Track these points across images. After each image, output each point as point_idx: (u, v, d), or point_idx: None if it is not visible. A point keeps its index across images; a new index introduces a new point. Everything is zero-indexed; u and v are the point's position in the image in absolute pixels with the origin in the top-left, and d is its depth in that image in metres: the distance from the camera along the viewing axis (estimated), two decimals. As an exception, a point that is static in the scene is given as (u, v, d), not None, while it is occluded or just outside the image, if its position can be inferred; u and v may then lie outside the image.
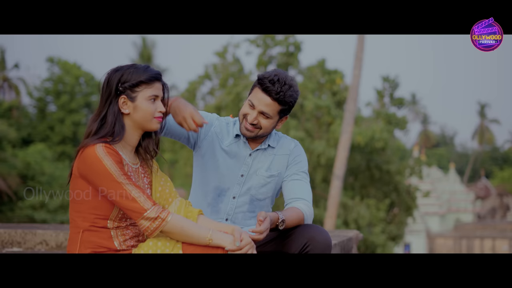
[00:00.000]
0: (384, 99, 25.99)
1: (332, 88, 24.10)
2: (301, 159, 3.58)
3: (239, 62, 25.58)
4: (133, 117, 2.94)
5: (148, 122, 2.96)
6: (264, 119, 3.41)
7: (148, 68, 2.96)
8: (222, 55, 25.46)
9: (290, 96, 3.39)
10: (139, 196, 2.80)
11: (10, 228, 5.27)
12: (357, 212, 21.86)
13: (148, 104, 2.94)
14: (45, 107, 43.26)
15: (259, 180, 3.51)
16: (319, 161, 21.95)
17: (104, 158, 2.79)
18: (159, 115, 2.98)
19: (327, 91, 24.35)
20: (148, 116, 2.95)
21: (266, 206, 3.59)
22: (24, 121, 41.65)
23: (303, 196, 3.44)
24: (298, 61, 25.14)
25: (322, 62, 25.02)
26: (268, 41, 24.36)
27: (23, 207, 32.54)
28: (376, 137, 21.94)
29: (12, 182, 32.88)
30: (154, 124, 2.98)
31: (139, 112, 2.94)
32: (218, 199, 3.51)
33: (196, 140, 3.54)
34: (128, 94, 2.92)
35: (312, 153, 21.93)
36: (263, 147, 3.55)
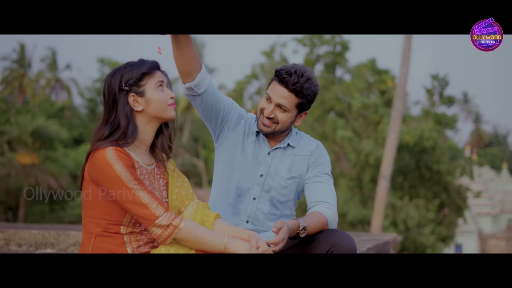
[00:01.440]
0: (433, 97, 25.58)
1: (381, 87, 23.84)
2: (323, 161, 3.41)
3: (286, 61, 25.50)
4: (148, 111, 2.86)
5: (164, 111, 2.87)
6: (281, 113, 3.29)
7: (143, 60, 2.89)
8: (269, 54, 25.44)
9: (307, 89, 3.27)
10: (150, 202, 2.70)
11: (44, 230, 5.28)
12: (406, 213, 21.56)
13: (159, 93, 2.86)
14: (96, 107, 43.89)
15: (280, 181, 3.37)
16: (367, 160, 21.72)
17: (114, 162, 2.70)
18: (172, 101, 2.90)
19: (375, 90, 24.10)
20: (162, 105, 2.86)
21: (288, 208, 3.45)
22: (75, 121, 42.35)
23: (326, 199, 3.27)
24: (346, 60, 24.95)
25: (373, 61, 24.77)
26: (315, 40, 24.23)
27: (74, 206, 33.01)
28: (425, 136, 21.60)
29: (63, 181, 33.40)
30: (170, 111, 2.89)
31: (152, 104, 2.85)
32: (238, 199, 3.38)
33: (223, 129, 3.42)
34: (135, 90, 2.84)
35: (360, 152, 21.72)
36: (282, 146, 3.40)
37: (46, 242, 5.14)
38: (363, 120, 23.10)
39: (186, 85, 3.25)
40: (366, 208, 22.12)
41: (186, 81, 3.23)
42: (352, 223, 22.32)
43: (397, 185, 23.78)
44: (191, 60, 3.16)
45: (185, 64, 3.16)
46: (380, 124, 22.21)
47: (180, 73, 3.23)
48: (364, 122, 23.11)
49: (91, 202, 2.79)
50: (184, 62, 3.16)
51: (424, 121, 23.37)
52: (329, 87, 24.16)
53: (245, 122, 3.45)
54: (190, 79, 3.22)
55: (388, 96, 23.49)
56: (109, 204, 2.76)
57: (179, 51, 3.12)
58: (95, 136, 2.82)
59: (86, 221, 2.81)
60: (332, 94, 23.78)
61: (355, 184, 22.96)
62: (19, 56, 42.89)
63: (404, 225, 21.56)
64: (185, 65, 3.17)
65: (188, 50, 3.11)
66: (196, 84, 3.23)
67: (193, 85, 3.23)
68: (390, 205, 21.47)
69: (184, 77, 3.23)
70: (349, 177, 22.94)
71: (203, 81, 3.25)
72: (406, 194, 23.35)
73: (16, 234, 5.17)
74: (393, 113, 16.76)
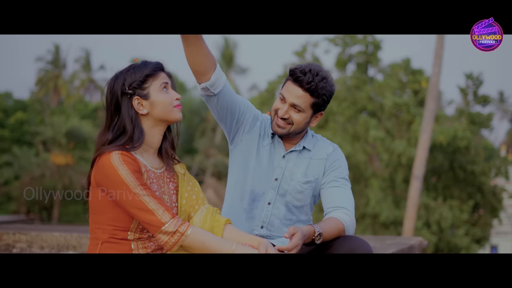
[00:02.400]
0: (468, 97, 25.25)
1: (414, 87, 23.59)
2: (340, 164, 3.31)
3: (318, 61, 25.38)
4: (153, 114, 2.79)
5: (169, 113, 2.80)
6: (295, 113, 3.19)
7: (146, 62, 2.83)
8: (301, 54, 25.33)
9: (322, 88, 3.17)
10: (157, 208, 2.62)
11: (66, 232, 5.28)
12: (440, 214, 21.30)
13: (163, 95, 2.79)
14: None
15: (295, 186, 3.27)
16: (400, 161, 21.51)
17: (119, 167, 2.64)
18: (177, 102, 2.83)
19: (408, 89, 23.87)
20: (168, 107, 2.79)
21: (304, 213, 3.34)
22: (109, 122, 42.60)
23: (343, 205, 3.15)
24: (378, 60, 24.74)
25: (407, 61, 24.51)
26: (347, 40, 24.07)
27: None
28: (459, 136, 21.32)
29: (97, 181, 33.62)
30: (176, 113, 2.82)
31: (157, 106, 2.78)
32: (253, 204, 3.29)
33: (238, 131, 3.33)
34: (139, 93, 2.77)
35: (393, 153, 21.52)
36: (297, 148, 3.31)
37: (68, 244, 5.13)
38: (396, 120, 22.89)
39: (201, 85, 3.17)
40: (398, 209, 21.90)
41: (201, 81, 3.16)
42: (385, 224, 22.13)
43: (431, 185, 23.50)
44: (203, 59, 3.08)
45: (198, 63, 3.09)
46: (413, 124, 21.97)
47: (194, 73, 3.15)
48: (396, 122, 22.90)
49: (97, 207, 2.74)
50: (196, 62, 3.08)
51: (458, 121, 23.08)
52: (361, 87, 23.98)
53: (261, 124, 3.37)
54: (205, 79, 3.14)
55: (421, 96, 23.23)
56: (116, 210, 2.70)
57: (189, 50, 3.04)
58: (98, 141, 2.75)
59: (93, 227, 2.76)
60: (364, 94, 23.59)
61: (388, 184, 22.75)
62: (53, 57, 43.38)
63: (437, 227, 21.31)
64: (198, 64, 3.09)
65: (198, 48, 3.03)
66: (211, 84, 3.15)
67: (208, 85, 3.15)
68: (423, 206, 21.25)
69: (198, 77, 3.16)
70: (382, 177, 22.74)
71: (218, 80, 3.16)
72: (440, 195, 23.06)
73: (38, 236, 5.17)
74: (425, 113, 16.55)
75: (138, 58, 2.93)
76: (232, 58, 43.35)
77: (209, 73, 3.13)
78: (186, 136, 40.97)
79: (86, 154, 33.34)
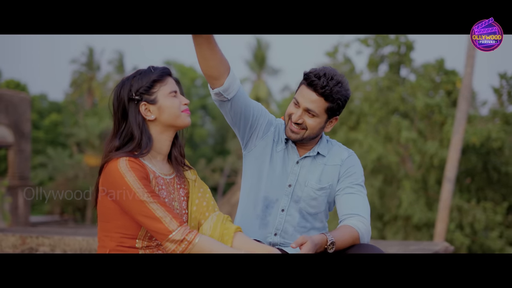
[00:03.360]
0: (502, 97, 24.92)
1: (448, 88, 23.33)
2: (355, 171, 3.24)
3: (350, 61, 25.25)
4: (161, 119, 2.76)
5: (177, 118, 2.77)
6: (309, 118, 3.13)
7: (153, 67, 2.79)
8: (332, 55, 25.22)
9: (337, 92, 3.10)
10: (164, 216, 2.58)
11: (89, 236, 5.29)
12: (473, 216, 21.03)
13: (171, 100, 2.76)
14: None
15: (309, 192, 3.20)
16: (432, 162, 21.29)
17: (126, 174, 2.61)
18: (185, 107, 2.80)
19: (441, 90, 23.61)
20: (176, 112, 2.76)
21: (319, 221, 3.27)
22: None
23: (358, 212, 3.08)
24: (411, 60, 24.53)
25: (441, 61, 24.24)
26: (379, 41, 23.89)
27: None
28: (492, 137, 21.03)
29: (130, 182, 33.84)
30: (184, 118, 2.79)
31: (165, 111, 2.75)
32: (266, 211, 3.22)
33: (252, 136, 3.27)
34: (147, 99, 2.75)
35: (425, 154, 21.31)
36: (312, 154, 3.24)
37: (91, 248, 5.15)
38: (428, 121, 22.66)
39: (214, 90, 3.11)
40: (431, 211, 21.69)
41: (215, 86, 3.10)
42: (417, 226, 21.94)
43: (464, 187, 23.23)
44: (216, 63, 3.01)
45: (211, 68, 3.02)
46: (445, 125, 21.74)
47: (207, 78, 3.09)
48: (428, 123, 22.67)
49: (105, 215, 2.71)
50: (209, 66, 3.02)
51: (491, 122, 22.78)
52: (393, 88, 23.78)
53: (275, 129, 3.30)
54: (219, 84, 3.08)
55: (454, 97, 22.98)
56: (124, 217, 2.67)
57: (201, 54, 2.97)
58: (106, 148, 2.73)
59: (101, 235, 2.73)
60: (397, 94, 23.39)
61: (420, 186, 22.53)
62: (88, 59, 43.81)
63: (470, 229, 21.05)
64: (211, 69, 3.03)
65: (211, 52, 2.96)
66: (225, 89, 3.09)
67: (222, 90, 3.09)
68: (456, 207, 21.00)
69: (211, 82, 3.09)
70: (414, 179, 22.53)
71: (232, 85, 3.10)
72: (473, 197, 22.77)
73: (61, 240, 5.19)
74: (457, 114, 16.36)
75: (170, 60, 2.90)
76: (264, 59, 43.33)
77: (223, 78, 3.07)
78: (218, 138, 41.05)
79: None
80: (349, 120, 23.38)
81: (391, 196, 22.63)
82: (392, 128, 22.83)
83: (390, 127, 23.05)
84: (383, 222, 22.56)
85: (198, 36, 2.91)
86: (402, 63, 24.55)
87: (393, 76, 24.31)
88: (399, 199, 22.24)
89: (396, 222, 22.23)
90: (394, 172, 22.97)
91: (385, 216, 22.27)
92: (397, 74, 24.68)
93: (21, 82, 41.48)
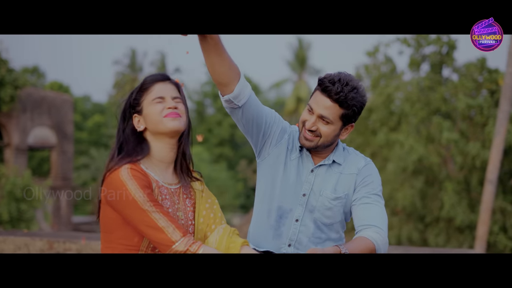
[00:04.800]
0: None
1: (491, 87, 22.94)
2: (372, 180, 3.11)
3: (392, 61, 25.01)
4: (149, 128, 2.70)
5: (159, 124, 2.68)
6: (323, 125, 3.03)
7: (149, 75, 2.74)
8: (372, 54, 25.01)
9: (352, 99, 3.00)
10: (167, 226, 2.51)
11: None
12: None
13: (153, 106, 2.69)
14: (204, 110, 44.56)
15: (324, 202, 3.09)
16: (474, 163, 20.97)
17: (128, 183, 2.54)
18: (168, 111, 2.69)
19: (484, 90, 23.24)
20: (156, 118, 2.68)
21: (335, 231, 3.16)
22: (184, 124, 43.15)
23: (374, 223, 2.96)
24: (453, 60, 24.19)
25: (483, 60, 23.86)
26: (420, 40, 23.61)
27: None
28: (537, 138, 20.62)
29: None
30: (166, 123, 2.68)
31: (147, 119, 2.70)
32: (280, 221, 3.12)
33: (265, 144, 3.17)
34: (137, 110, 2.71)
35: (467, 155, 21.00)
36: (327, 162, 3.13)
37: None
38: (470, 122, 22.32)
39: (224, 97, 3.03)
40: (474, 212, 21.36)
41: (224, 93, 3.01)
42: (459, 228, 21.64)
43: (508, 188, 22.82)
44: (225, 69, 2.93)
45: (220, 74, 2.94)
46: (487, 126, 21.38)
47: (217, 84, 3.01)
48: (470, 123, 22.32)
49: (108, 225, 2.66)
50: (218, 72, 2.94)
51: (535, 122, 22.34)
52: (435, 88, 23.48)
53: (289, 137, 3.21)
54: (228, 90, 2.99)
55: (497, 96, 22.60)
56: (126, 228, 2.61)
57: (210, 61, 2.90)
58: (108, 159, 2.70)
59: (103, 246, 2.69)
60: (438, 95, 23.09)
61: (463, 187, 22.21)
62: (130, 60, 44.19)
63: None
64: (220, 75, 2.95)
65: (219, 58, 2.89)
66: (235, 96, 3.01)
67: (232, 97, 3.01)
68: (499, 209, 20.65)
69: (221, 88, 3.01)
70: (456, 180, 22.22)
71: (242, 92, 3.01)
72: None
73: (87, 245, 5.21)
74: (499, 115, 16.05)
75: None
76: (305, 59, 43.20)
77: (232, 84, 2.99)
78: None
79: (160, 156, 33.83)
80: (390, 120, 23.16)
81: (433, 198, 22.36)
82: (433, 129, 22.55)
83: (431, 127, 22.78)
84: (425, 223, 22.32)
85: (204, 41, 2.84)
86: (444, 62, 24.23)
87: (435, 76, 24.01)
88: (441, 200, 21.97)
89: (438, 224, 21.97)
90: (435, 173, 22.69)
91: (426, 217, 22.02)
92: (439, 74, 24.37)
93: (64, 84, 42.05)
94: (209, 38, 2.83)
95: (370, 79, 25.75)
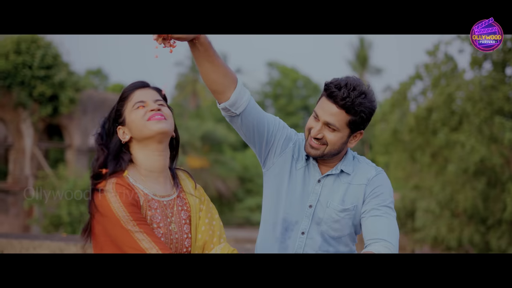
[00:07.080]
0: None
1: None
2: (382, 191, 2.93)
3: (453, 60, 24.51)
4: (134, 136, 2.59)
5: (143, 128, 2.56)
6: (330, 133, 2.86)
7: (128, 85, 2.64)
8: (433, 53, 24.57)
9: (360, 104, 2.82)
10: (150, 248, 2.37)
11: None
12: None
13: (135, 112, 2.58)
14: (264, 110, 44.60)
15: (331, 214, 2.92)
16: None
17: (111, 200, 2.43)
18: (151, 114, 2.56)
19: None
20: (140, 123, 2.56)
21: (344, 244, 2.99)
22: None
23: (383, 236, 2.78)
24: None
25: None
26: (482, 38, 23.08)
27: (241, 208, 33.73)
28: None
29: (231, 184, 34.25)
30: (151, 126, 2.55)
31: (131, 127, 2.59)
32: (285, 234, 2.97)
33: (269, 153, 3.03)
34: (120, 122, 2.61)
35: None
36: (335, 172, 2.96)
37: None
38: (534, 122, 21.72)
39: (221, 105, 2.90)
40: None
41: (220, 101, 2.89)
42: (524, 231, 21.12)
43: None
44: (218, 77, 2.82)
45: (214, 82, 2.84)
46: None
47: (212, 92, 2.90)
48: (534, 124, 21.73)
49: (97, 242, 2.54)
50: (212, 80, 2.83)
51: None
52: (497, 87, 22.93)
53: (294, 145, 3.06)
54: (224, 98, 2.87)
55: None
56: (115, 245, 2.48)
57: (202, 69, 2.80)
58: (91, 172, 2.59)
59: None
60: (501, 94, 22.54)
61: (526, 189, 21.64)
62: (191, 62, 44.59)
63: None
64: (214, 83, 2.84)
65: (210, 65, 2.78)
66: (232, 104, 2.88)
67: (228, 105, 2.88)
68: None
69: (216, 96, 2.90)
70: (520, 182, 21.67)
71: (240, 99, 2.88)
72: None
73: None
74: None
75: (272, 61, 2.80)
76: (367, 58, 42.84)
77: (228, 91, 2.86)
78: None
79: (220, 157, 34.00)
80: (451, 120, 22.71)
81: (495, 200, 21.82)
82: (496, 129, 22.02)
83: (494, 127, 22.25)
84: (487, 226, 21.82)
85: (195, 48, 2.74)
86: (507, 61, 23.63)
87: (498, 75, 23.44)
88: (503, 202, 21.42)
89: (501, 226, 21.44)
90: (498, 174, 22.14)
91: (488, 220, 21.52)
92: (501, 73, 23.78)
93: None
94: (198, 44, 2.72)
95: (431, 78, 25.33)
